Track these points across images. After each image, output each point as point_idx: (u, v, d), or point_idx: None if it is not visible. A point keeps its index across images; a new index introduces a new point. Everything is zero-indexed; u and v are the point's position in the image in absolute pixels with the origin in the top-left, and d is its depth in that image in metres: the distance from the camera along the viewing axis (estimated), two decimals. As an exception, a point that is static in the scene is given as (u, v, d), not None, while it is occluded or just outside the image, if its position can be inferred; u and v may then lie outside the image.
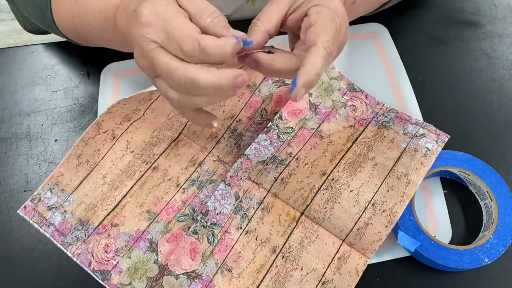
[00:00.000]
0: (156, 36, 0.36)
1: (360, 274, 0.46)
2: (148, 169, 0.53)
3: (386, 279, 0.48)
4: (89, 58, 0.62)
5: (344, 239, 0.47)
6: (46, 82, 0.61)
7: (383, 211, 0.47)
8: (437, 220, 0.50)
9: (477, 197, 0.51)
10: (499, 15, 0.64)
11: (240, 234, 0.49)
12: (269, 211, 0.49)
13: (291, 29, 0.42)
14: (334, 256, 0.47)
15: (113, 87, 0.60)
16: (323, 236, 0.47)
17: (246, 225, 0.49)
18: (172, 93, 0.37)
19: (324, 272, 0.46)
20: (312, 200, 0.48)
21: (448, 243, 0.48)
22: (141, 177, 0.52)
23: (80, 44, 0.56)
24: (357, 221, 0.47)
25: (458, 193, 0.52)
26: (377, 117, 0.54)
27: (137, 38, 0.37)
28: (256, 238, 0.48)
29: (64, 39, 0.57)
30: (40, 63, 0.63)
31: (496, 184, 0.49)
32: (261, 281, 0.46)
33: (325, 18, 0.38)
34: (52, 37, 0.60)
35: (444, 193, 0.52)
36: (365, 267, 0.46)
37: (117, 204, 0.51)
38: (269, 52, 0.39)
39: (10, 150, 0.56)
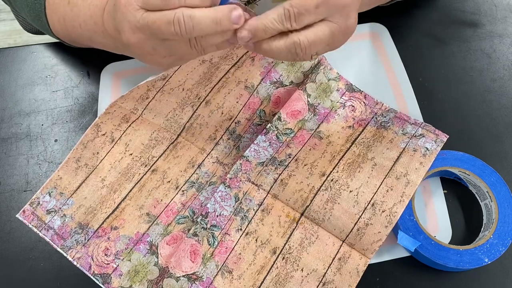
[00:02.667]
0: (140, 2, 0.37)
1: (361, 274, 0.45)
2: (147, 171, 0.53)
3: (386, 279, 0.48)
4: (89, 58, 0.62)
5: (344, 240, 0.47)
6: (46, 82, 0.61)
7: (383, 211, 0.47)
8: (437, 220, 0.50)
9: (477, 197, 0.51)
10: (499, 15, 0.64)
11: (240, 236, 0.49)
12: (269, 212, 0.49)
13: None
14: (335, 257, 0.47)
15: (113, 87, 0.60)
16: (323, 237, 0.47)
17: (246, 226, 0.49)
18: (183, 44, 0.38)
19: (325, 273, 0.46)
20: (311, 201, 0.48)
21: (448, 243, 0.48)
22: (140, 179, 0.52)
23: (74, 45, 0.56)
24: (357, 222, 0.47)
25: (458, 193, 0.52)
26: (376, 118, 0.54)
27: (124, 16, 0.38)
28: (256, 240, 0.48)
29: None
30: (40, 63, 0.63)
31: (496, 184, 0.49)
32: (262, 282, 0.46)
33: None
34: (53, 38, 0.60)
35: (444, 193, 0.52)
36: (365, 267, 0.46)
37: (117, 207, 0.51)
38: (245, 10, 0.40)
39: (10, 150, 0.56)
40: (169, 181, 0.52)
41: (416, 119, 0.53)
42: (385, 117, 0.54)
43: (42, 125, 0.58)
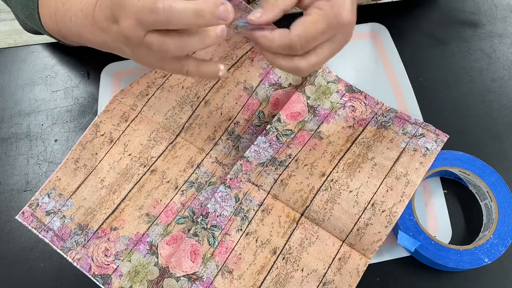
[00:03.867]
0: None
1: (361, 274, 0.46)
2: (146, 172, 0.53)
3: (386, 279, 0.48)
4: (89, 58, 0.62)
5: (344, 240, 0.47)
6: (46, 82, 0.61)
7: (383, 211, 0.47)
8: (437, 220, 0.50)
9: (477, 197, 0.51)
10: (499, 15, 0.64)
11: (241, 236, 0.49)
12: (269, 212, 0.49)
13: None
14: (335, 257, 0.47)
15: (113, 87, 0.60)
16: (323, 237, 0.47)
17: (246, 226, 0.49)
18: (165, 37, 0.38)
19: (325, 273, 0.46)
20: (311, 201, 0.48)
21: (448, 243, 0.48)
22: (139, 180, 0.52)
23: (67, 44, 0.56)
24: (356, 222, 0.47)
25: (458, 193, 0.52)
26: (376, 117, 0.54)
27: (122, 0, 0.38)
28: (256, 240, 0.48)
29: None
30: (40, 63, 0.63)
31: (496, 184, 0.49)
32: (262, 282, 0.46)
33: (318, 17, 0.39)
34: (52, 38, 0.60)
35: (444, 193, 0.52)
36: (365, 268, 0.46)
37: (116, 208, 0.51)
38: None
39: (10, 150, 0.56)
40: (168, 181, 0.52)
41: (417, 119, 0.53)
42: (385, 117, 0.54)
43: (42, 125, 0.58)
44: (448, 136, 0.50)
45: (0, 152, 0.56)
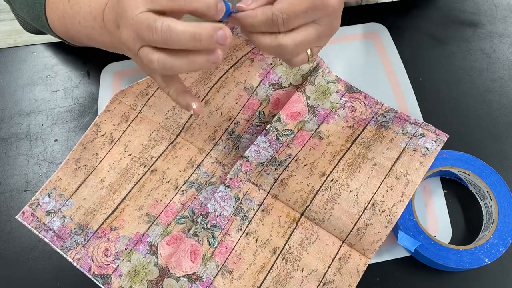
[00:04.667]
0: (146, 4, 0.37)
1: (361, 274, 0.46)
2: (146, 172, 0.53)
3: (386, 279, 0.48)
4: (89, 58, 0.62)
5: (344, 240, 0.47)
6: (46, 82, 0.61)
7: (383, 211, 0.47)
8: (437, 220, 0.50)
9: (477, 197, 0.51)
10: (499, 15, 0.64)
11: (241, 236, 0.49)
12: (269, 212, 0.49)
13: None
14: (335, 257, 0.47)
15: (113, 87, 0.60)
16: (323, 237, 0.47)
17: (246, 226, 0.49)
18: (154, 54, 0.37)
19: (325, 273, 0.46)
20: (311, 201, 0.48)
21: (448, 243, 0.48)
22: (139, 180, 0.52)
23: (74, 44, 0.56)
24: (356, 222, 0.47)
25: (458, 193, 0.52)
26: (376, 117, 0.54)
27: (125, 9, 0.38)
28: (256, 240, 0.48)
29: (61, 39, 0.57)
30: (40, 63, 0.63)
31: (496, 184, 0.49)
32: (262, 282, 0.46)
33: None
34: (52, 37, 0.60)
35: (444, 193, 0.52)
36: (365, 267, 0.46)
37: (116, 208, 0.51)
38: None
39: (10, 150, 0.56)
40: (168, 181, 0.52)
41: (416, 119, 0.53)
42: (385, 117, 0.54)
43: (42, 125, 0.58)
44: (448, 136, 0.50)
45: (0, 152, 0.56)
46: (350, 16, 0.62)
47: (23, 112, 0.59)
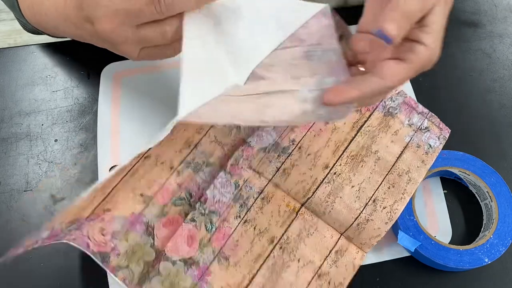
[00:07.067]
0: None
1: (357, 268, 0.46)
2: (139, 159, 0.51)
3: (386, 279, 0.48)
4: (89, 58, 0.62)
5: (343, 233, 0.47)
6: (46, 82, 0.61)
7: (384, 208, 0.47)
8: (437, 220, 0.50)
9: (477, 197, 0.51)
10: (499, 15, 0.64)
11: (239, 223, 0.48)
12: (269, 201, 0.49)
13: None
14: (332, 249, 0.47)
15: (113, 87, 0.60)
16: (322, 229, 0.47)
17: (245, 214, 0.49)
18: (159, 23, 0.38)
19: (321, 265, 0.46)
20: (314, 193, 0.48)
21: (448, 243, 0.48)
22: (132, 167, 0.50)
23: (52, 36, 0.55)
24: (357, 217, 0.47)
25: (458, 193, 0.52)
26: (384, 102, 0.53)
27: (98, 2, 0.37)
28: (254, 228, 0.48)
29: (60, 39, 0.57)
30: (40, 63, 0.63)
31: (496, 184, 0.49)
32: (258, 270, 0.46)
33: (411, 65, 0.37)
34: (52, 38, 0.60)
35: (444, 193, 0.52)
36: (362, 262, 0.46)
37: (107, 195, 0.48)
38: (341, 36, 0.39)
39: (10, 150, 0.56)
40: (162, 162, 0.50)
41: (423, 108, 0.53)
42: (393, 101, 0.53)
43: (42, 125, 0.58)
44: (450, 131, 0.51)
45: (0, 152, 0.56)
46: (352, 16, 0.62)
47: (23, 112, 0.59)
